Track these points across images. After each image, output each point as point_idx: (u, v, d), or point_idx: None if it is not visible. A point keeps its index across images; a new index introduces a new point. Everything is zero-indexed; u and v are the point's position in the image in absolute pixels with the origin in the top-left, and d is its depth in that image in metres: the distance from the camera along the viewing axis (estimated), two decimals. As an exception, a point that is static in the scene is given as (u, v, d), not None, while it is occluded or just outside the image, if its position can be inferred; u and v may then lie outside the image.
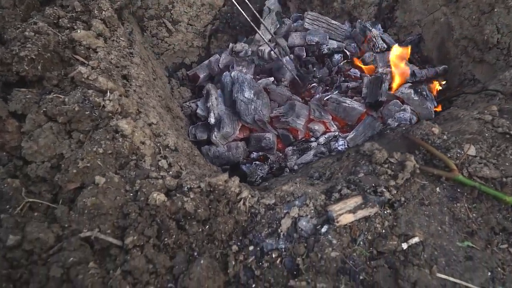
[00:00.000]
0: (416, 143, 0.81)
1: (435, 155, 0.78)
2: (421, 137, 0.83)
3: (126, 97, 0.87)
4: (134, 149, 0.79)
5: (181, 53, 1.37)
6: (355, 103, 1.18)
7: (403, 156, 0.77)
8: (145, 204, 0.70)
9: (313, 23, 1.43)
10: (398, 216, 0.73)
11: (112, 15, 1.05)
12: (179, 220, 0.71)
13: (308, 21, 1.40)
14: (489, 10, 1.22)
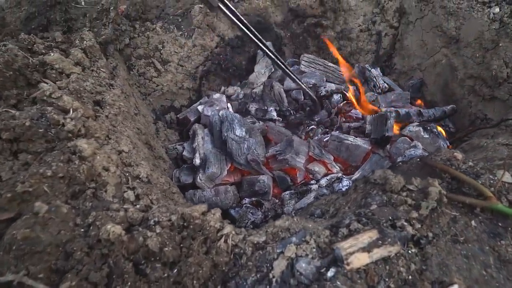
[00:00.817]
0: (439, 169, 0.67)
1: (465, 182, 0.63)
2: (442, 163, 0.69)
3: (95, 120, 0.75)
4: (94, 176, 0.64)
5: (170, 95, 1.29)
6: (359, 140, 1.05)
7: (425, 182, 0.63)
8: (96, 240, 0.54)
9: (309, 65, 1.37)
10: (427, 257, 0.55)
11: (94, 45, 0.99)
12: (139, 262, 0.54)
13: (304, 63, 1.35)
14: (493, 46, 1.16)
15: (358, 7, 1.45)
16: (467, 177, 0.63)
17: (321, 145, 1.09)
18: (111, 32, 1.09)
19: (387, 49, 1.57)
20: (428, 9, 1.36)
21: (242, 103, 1.30)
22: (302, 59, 1.35)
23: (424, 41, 1.41)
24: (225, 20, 1.31)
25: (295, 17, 1.40)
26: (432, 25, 1.36)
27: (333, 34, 1.48)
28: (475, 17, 1.21)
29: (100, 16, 1.13)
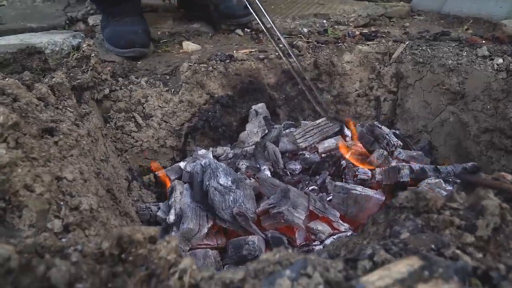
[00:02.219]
0: (488, 186, 0.49)
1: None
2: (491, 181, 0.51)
3: (36, 140, 0.59)
4: (7, 193, 0.46)
5: (151, 154, 1.14)
6: (369, 191, 0.87)
7: (474, 196, 0.44)
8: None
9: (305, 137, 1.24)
10: (507, 301, 0.34)
11: (64, 84, 0.88)
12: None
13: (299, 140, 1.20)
14: (504, 95, 1.06)
15: (354, 72, 1.42)
16: (533, 190, 0.44)
17: (323, 201, 0.90)
18: (89, 78, 1.00)
19: (387, 114, 1.49)
20: (426, 70, 1.32)
21: (232, 163, 1.14)
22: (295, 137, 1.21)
23: (427, 101, 1.33)
24: (216, 78, 1.25)
25: (289, 79, 1.34)
26: (433, 84, 1.30)
27: (330, 98, 1.41)
28: (478, 70, 1.15)
29: (79, 64, 1.06)
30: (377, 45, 1.46)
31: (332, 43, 1.48)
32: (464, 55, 1.22)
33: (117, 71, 1.21)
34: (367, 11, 1.84)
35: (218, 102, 1.23)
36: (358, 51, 1.42)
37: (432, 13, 2.06)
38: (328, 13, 1.75)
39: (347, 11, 1.79)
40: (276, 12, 1.87)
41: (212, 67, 1.26)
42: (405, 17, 1.96)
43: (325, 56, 1.37)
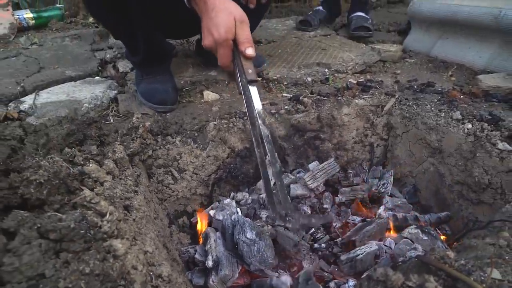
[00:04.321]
0: (434, 266, 0.74)
1: (459, 279, 0.70)
2: (438, 260, 0.76)
3: (125, 223, 0.85)
4: (124, 273, 0.71)
5: (184, 200, 1.40)
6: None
7: (421, 278, 0.69)
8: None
9: (314, 180, 1.50)
10: None
11: (124, 157, 1.14)
12: None
13: (309, 181, 1.46)
14: (472, 156, 1.32)
15: (351, 123, 1.67)
16: (461, 274, 0.70)
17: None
18: (138, 146, 1.26)
19: (380, 158, 1.75)
20: (412, 125, 1.57)
21: (251, 208, 1.40)
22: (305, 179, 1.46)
23: (412, 151, 1.58)
24: (236, 134, 1.50)
25: (296, 131, 1.60)
26: (417, 138, 1.55)
27: (330, 146, 1.66)
28: (453, 131, 1.40)
29: (129, 132, 1.31)
30: (371, 98, 1.71)
31: (333, 96, 1.73)
32: (442, 116, 1.47)
33: (153, 128, 1.46)
34: (364, 58, 2.08)
35: (238, 155, 1.48)
36: (355, 105, 1.67)
37: (422, 55, 2.31)
38: (329, 62, 2.00)
39: (345, 59, 2.04)
40: (283, 58, 2.12)
41: (232, 123, 1.51)
42: (397, 61, 2.21)
43: (327, 111, 1.62)
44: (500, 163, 1.22)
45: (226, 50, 1.08)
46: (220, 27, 1.03)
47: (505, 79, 1.71)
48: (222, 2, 1.06)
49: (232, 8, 1.05)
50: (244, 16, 1.06)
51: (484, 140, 1.29)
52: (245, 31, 1.06)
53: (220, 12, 1.04)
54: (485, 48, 1.99)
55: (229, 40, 1.05)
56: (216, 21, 1.04)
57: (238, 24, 1.04)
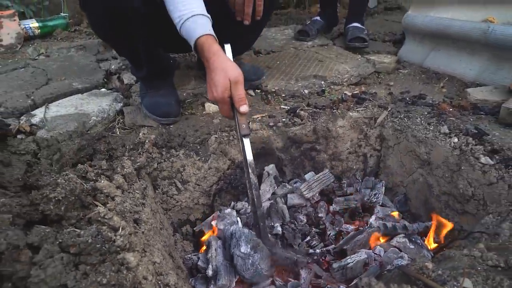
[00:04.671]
0: (413, 277, 0.83)
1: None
2: (417, 272, 0.85)
3: (135, 236, 0.94)
4: (136, 283, 0.80)
5: (187, 210, 1.48)
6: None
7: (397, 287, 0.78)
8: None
9: (309, 190, 1.58)
10: None
11: (132, 172, 1.23)
12: None
13: (305, 191, 1.55)
14: (457, 168, 1.40)
15: (345, 135, 1.75)
16: (436, 283, 0.79)
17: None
18: (144, 160, 1.35)
19: (373, 167, 1.83)
20: (403, 137, 1.65)
21: (250, 217, 1.48)
22: (302, 190, 1.55)
23: (403, 162, 1.67)
24: (236, 146, 1.59)
25: (293, 143, 1.68)
26: (407, 150, 1.63)
27: (325, 157, 1.75)
28: (440, 145, 1.48)
29: (136, 147, 1.40)
30: (364, 111, 1.79)
31: (328, 108, 1.82)
32: (431, 129, 1.56)
33: (158, 141, 1.55)
34: (359, 70, 2.17)
35: (238, 166, 1.57)
36: (349, 117, 1.76)
37: (415, 66, 2.40)
38: (325, 75, 2.09)
39: (341, 72, 2.12)
40: (281, 70, 2.21)
41: (232, 136, 1.60)
42: (391, 72, 2.30)
43: (322, 123, 1.70)
44: (483, 176, 1.30)
45: (225, 106, 1.22)
46: (218, 87, 1.17)
47: (492, 93, 1.80)
48: (221, 63, 1.19)
49: (229, 70, 1.17)
50: (239, 76, 1.18)
51: (469, 154, 1.37)
52: (238, 90, 1.18)
53: (218, 73, 1.18)
54: (475, 61, 2.07)
55: (225, 98, 1.19)
56: (215, 81, 1.18)
57: (232, 85, 1.17)
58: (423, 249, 1.28)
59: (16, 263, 0.76)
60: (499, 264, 0.84)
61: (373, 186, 1.63)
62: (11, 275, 0.75)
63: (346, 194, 1.60)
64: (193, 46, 1.27)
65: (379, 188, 1.60)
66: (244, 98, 1.19)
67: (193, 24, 1.27)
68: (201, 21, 1.28)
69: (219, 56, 1.21)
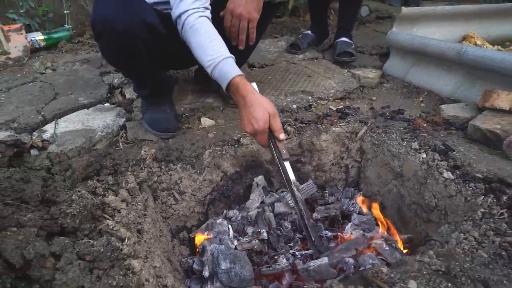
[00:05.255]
0: (369, 280, 1.00)
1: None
2: (373, 275, 1.02)
3: (138, 245, 1.11)
4: (139, 285, 0.97)
5: (184, 218, 1.66)
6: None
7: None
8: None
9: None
10: None
11: (135, 187, 1.40)
12: None
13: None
14: (424, 181, 1.58)
15: (329, 148, 1.93)
16: (385, 285, 0.96)
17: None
18: (146, 175, 1.52)
19: (354, 177, 2.01)
20: (379, 151, 1.83)
21: (240, 224, 1.66)
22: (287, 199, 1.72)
23: (379, 173, 1.84)
24: (228, 159, 1.76)
25: (280, 156, 1.85)
26: (383, 163, 1.81)
27: (310, 168, 1.92)
28: (411, 160, 1.66)
29: (138, 163, 1.57)
30: (346, 125, 1.97)
31: (314, 123, 1.99)
32: (404, 145, 1.73)
33: (158, 156, 1.72)
34: (344, 85, 2.34)
35: (230, 178, 1.75)
36: (332, 132, 1.93)
37: (398, 80, 2.57)
38: (313, 90, 2.26)
39: (327, 87, 2.29)
40: (272, 85, 2.38)
41: (225, 151, 1.77)
42: (375, 86, 2.47)
43: (307, 138, 1.88)
44: (444, 189, 1.47)
45: (264, 136, 1.40)
46: (259, 120, 1.35)
47: (463, 109, 1.97)
48: (258, 99, 1.38)
49: (266, 105, 1.37)
50: (274, 109, 1.39)
51: (434, 169, 1.55)
52: (277, 122, 1.37)
53: (257, 108, 1.36)
54: (451, 78, 2.25)
55: (266, 129, 1.38)
56: (255, 115, 1.36)
57: (271, 117, 1.37)
58: (396, 251, 1.45)
59: (42, 268, 0.93)
60: (440, 269, 1.02)
61: (352, 196, 1.80)
62: (39, 279, 0.92)
63: (327, 203, 1.77)
64: (226, 86, 1.45)
65: (357, 198, 1.77)
66: (281, 128, 1.41)
67: (225, 67, 1.44)
68: (231, 63, 1.46)
69: (255, 93, 1.39)
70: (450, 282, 0.99)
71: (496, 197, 1.31)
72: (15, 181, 1.23)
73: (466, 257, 1.08)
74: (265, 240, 1.57)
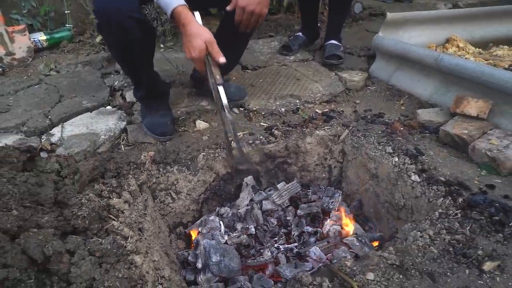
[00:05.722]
0: (334, 272, 1.19)
1: (345, 279, 1.15)
2: (338, 268, 1.21)
3: (140, 242, 1.29)
4: (141, 276, 1.16)
5: (180, 215, 1.84)
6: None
7: (321, 279, 1.14)
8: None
9: (281, 198, 1.93)
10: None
11: (136, 189, 1.58)
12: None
13: (276, 199, 1.91)
14: (395, 183, 1.76)
15: (313, 150, 2.10)
16: (346, 276, 1.15)
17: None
18: (145, 177, 1.70)
19: (336, 177, 2.19)
20: (358, 153, 2.00)
21: (231, 220, 1.85)
22: (273, 197, 1.91)
23: (358, 174, 2.02)
24: (220, 162, 1.94)
25: (268, 158, 2.03)
26: (361, 164, 1.99)
27: (296, 168, 2.10)
28: (385, 163, 1.84)
29: (138, 166, 1.75)
30: (330, 129, 2.14)
31: (300, 126, 2.16)
32: (380, 149, 1.90)
33: (156, 158, 1.90)
34: (330, 89, 2.50)
35: (222, 179, 1.93)
36: (317, 135, 2.10)
37: (383, 83, 2.72)
38: (300, 94, 2.42)
39: (314, 91, 2.45)
40: (263, 89, 2.54)
41: (217, 153, 1.95)
42: (360, 89, 2.63)
43: (293, 141, 2.05)
44: (411, 191, 1.66)
45: (201, 63, 1.58)
46: (196, 49, 1.53)
47: (437, 114, 2.13)
48: (197, 29, 1.54)
49: (204, 35, 1.51)
50: (211, 38, 1.53)
51: (404, 172, 1.73)
52: (214, 48, 1.54)
53: (195, 38, 1.51)
54: (429, 83, 2.41)
55: (201, 57, 1.53)
56: (193, 44, 1.53)
57: (209, 45, 1.52)
58: (365, 246, 1.64)
59: (59, 263, 1.12)
60: (395, 263, 1.20)
61: (332, 195, 1.98)
62: (57, 272, 1.11)
63: (310, 201, 1.96)
64: (170, 14, 1.55)
65: (336, 197, 1.95)
66: (219, 52, 1.57)
67: None
68: None
69: (194, 23, 1.53)
70: (402, 274, 1.18)
71: (453, 199, 1.50)
72: (30, 185, 1.41)
73: (419, 252, 1.27)
74: (252, 234, 1.76)
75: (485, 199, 1.45)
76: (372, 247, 1.66)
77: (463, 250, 1.25)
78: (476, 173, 1.68)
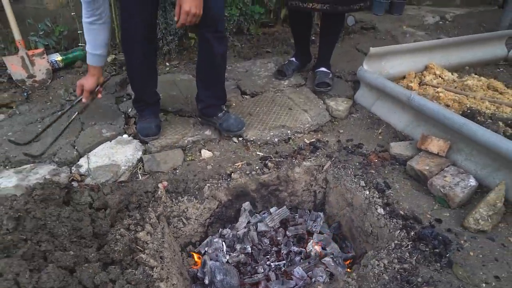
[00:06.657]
0: (308, 295, 1.60)
1: (316, 301, 1.55)
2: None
3: (162, 270, 1.69)
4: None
5: (190, 236, 2.24)
6: (291, 270, 1.98)
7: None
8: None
9: (272, 222, 2.33)
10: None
11: (155, 221, 1.97)
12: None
13: (269, 222, 2.31)
14: (366, 212, 2.15)
15: (301, 178, 2.49)
16: (317, 299, 1.55)
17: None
18: (162, 209, 2.09)
19: (321, 200, 2.58)
20: (338, 183, 2.39)
21: (231, 241, 2.25)
22: (267, 221, 2.31)
23: (338, 200, 2.42)
24: (222, 191, 2.33)
25: (262, 186, 2.42)
26: (340, 193, 2.38)
27: (286, 194, 2.49)
28: (358, 195, 2.23)
29: (156, 199, 2.14)
30: (315, 160, 2.52)
31: (290, 157, 2.54)
32: (355, 182, 2.29)
33: (169, 188, 2.29)
34: (318, 119, 2.87)
35: (224, 205, 2.32)
36: (304, 166, 2.48)
37: (365, 111, 3.08)
38: (291, 125, 2.79)
39: (303, 122, 2.82)
40: (259, 119, 2.90)
41: (220, 184, 2.34)
42: (344, 118, 2.99)
43: (284, 171, 2.43)
44: (377, 221, 2.05)
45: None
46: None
47: (407, 148, 2.51)
48: None
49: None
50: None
51: (372, 204, 2.12)
52: None
53: None
54: (404, 115, 2.77)
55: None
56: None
57: None
58: (338, 266, 2.05)
59: (105, 290, 1.52)
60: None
61: (315, 219, 2.38)
62: (104, 296, 1.51)
63: (297, 224, 2.36)
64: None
65: (319, 220, 2.35)
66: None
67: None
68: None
69: None
70: (358, 297, 1.59)
71: (407, 231, 1.89)
72: (73, 221, 1.81)
73: (374, 279, 1.68)
74: (249, 253, 2.17)
75: (432, 232, 1.84)
76: (344, 266, 2.07)
77: (407, 277, 1.65)
78: (431, 206, 2.08)
